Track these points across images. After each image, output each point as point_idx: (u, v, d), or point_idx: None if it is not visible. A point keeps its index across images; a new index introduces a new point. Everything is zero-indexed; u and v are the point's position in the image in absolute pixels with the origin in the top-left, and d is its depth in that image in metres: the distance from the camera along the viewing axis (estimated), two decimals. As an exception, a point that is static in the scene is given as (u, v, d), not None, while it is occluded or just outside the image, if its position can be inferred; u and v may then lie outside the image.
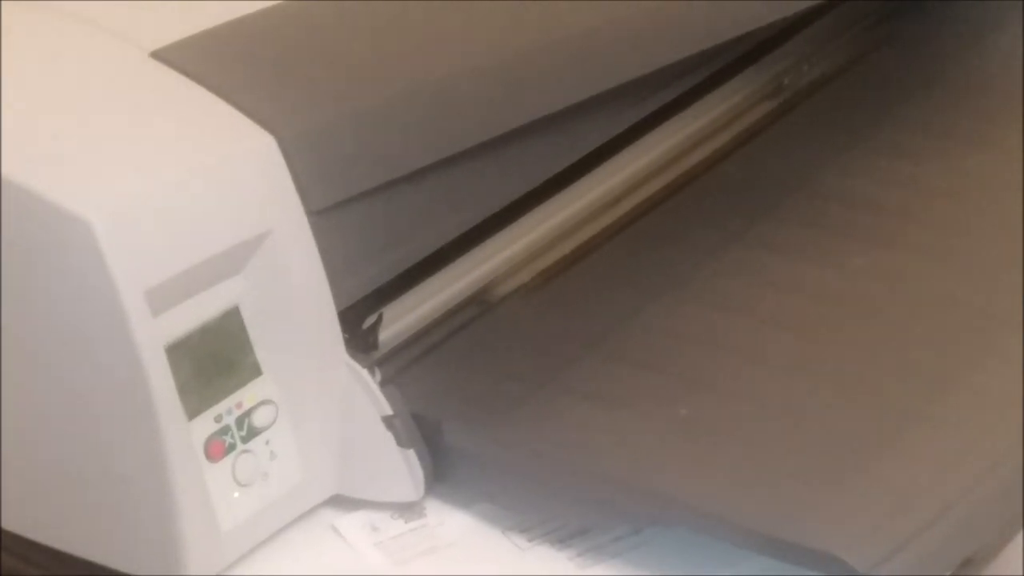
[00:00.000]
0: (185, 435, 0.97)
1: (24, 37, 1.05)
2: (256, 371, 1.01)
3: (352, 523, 1.04)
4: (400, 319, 1.10)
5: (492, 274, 1.16)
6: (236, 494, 1.00)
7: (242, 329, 1.01)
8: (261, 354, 1.01)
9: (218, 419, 1.00)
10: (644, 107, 1.26)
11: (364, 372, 1.03)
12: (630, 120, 1.25)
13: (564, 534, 1.03)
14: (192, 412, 0.98)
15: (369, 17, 1.10)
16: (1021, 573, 1.05)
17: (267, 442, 1.02)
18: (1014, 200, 1.24)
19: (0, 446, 1.01)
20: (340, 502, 1.05)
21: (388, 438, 1.03)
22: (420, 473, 1.03)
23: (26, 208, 0.94)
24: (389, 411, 1.03)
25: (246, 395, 1.01)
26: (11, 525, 1.03)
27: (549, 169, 1.20)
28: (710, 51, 1.24)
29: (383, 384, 1.04)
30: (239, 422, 1.01)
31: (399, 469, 1.03)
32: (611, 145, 1.25)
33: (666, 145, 1.30)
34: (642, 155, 1.28)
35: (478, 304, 1.15)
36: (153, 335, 0.94)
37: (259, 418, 1.01)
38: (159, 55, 1.03)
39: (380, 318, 1.08)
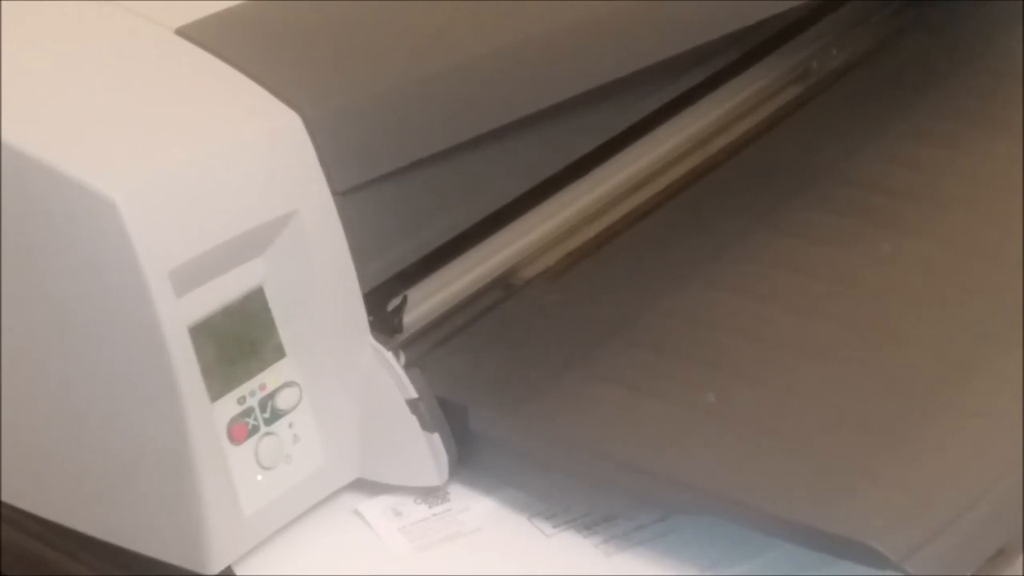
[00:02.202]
0: (208, 417, 0.96)
1: (47, 15, 1.04)
2: (280, 353, 1.01)
3: (375, 507, 1.03)
4: (424, 302, 1.10)
5: (516, 257, 1.16)
6: (259, 477, 1.00)
7: (266, 310, 1.00)
8: (285, 336, 1.01)
9: (241, 401, 0.99)
10: (670, 90, 1.25)
11: (388, 355, 1.02)
12: (656, 104, 1.25)
13: (589, 521, 1.02)
14: (215, 394, 0.97)
15: (396, -4, 1.10)
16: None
17: (290, 425, 1.01)
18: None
19: (23, 427, 1.01)
20: (363, 486, 1.04)
21: (412, 422, 1.02)
22: (444, 458, 1.03)
23: (50, 186, 0.93)
24: (414, 394, 1.02)
25: (269, 377, 1.00)
26: (32, 506, 1.03)
27: (574, 153, 1.19)
28: (737, 34, 1.24)
29: (407, 367, 1.03)
30: (262, 404, 1.00)
31: (423, 453, 1.03)
32: (636, 129, 1.24)
33: (692, 129, 1.29)
34: (668, 139, 1.27)
35: (502, 287, 1.14)
36: (177, 316, 0.94)
37: (282, 400, 1.01)
38: (184, 32, 1.02)
39: (405, 300, 1.08)
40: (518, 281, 1.15)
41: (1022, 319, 1.08)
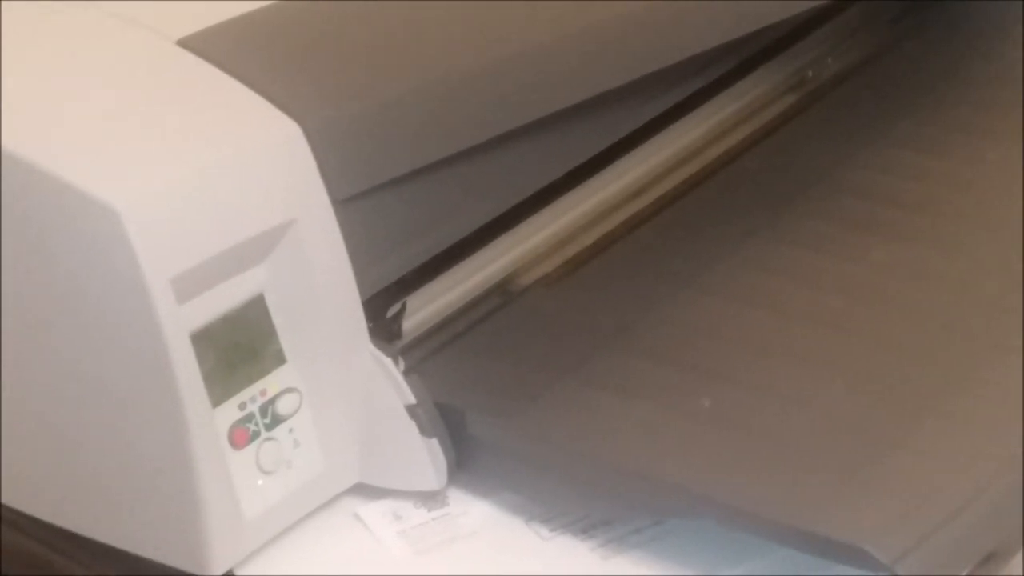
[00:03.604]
0: (209, 423, 0.97)
1: (51, 28, 1.06)
2: (280, 359, 1.02)
3: (375, 511, 1.04)
4: (423, 308, 1.10)
5: (515, 264, 1.17)
6: (260, 482, 1.00)
7: (267, 317, 1.01)
8: (285, 342, 1.02)
9: (242, 407, 1.00)
10: (667, 99, 1.26)
11: (388, 361, 1.03)
12: (653, 112, 1.25)
13: (586, 524, 1.03)
14: (216, 400, 0.98)
15: (395, 6, 1.10)
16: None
17: (291, 430, 1.02)
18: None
19: (26, 431, 1.02)
20: (363, 490, 1.05)
21: (411, 427, 1.03)
22: (443, 462, 1.04)
23: (54, 196, 0.94)
24: (412, 400, 1.03)
25: (270, 383, 1.01)
26: (36, 511, 1.04)
27: (572, 160, 1.20)
28: (734, 43, 1.24)
29: (406, 373, 1.04)
30: (263, 410, 1.01)
31: (422, 458, 1.04)
32: (634, 137, 1.25)
33: (689, 137, 1.30)
34: (665, 147, 1.28)
35: (501, 294, 1.15)
36: (178, 323, 0.95)
37: (283, 406, 1.02)
38: (186, 43, 1.03)
39: (404, 307, 1.08)
40: (516, 288, 1.16)
41: (1021, 325, 1.09)
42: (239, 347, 1.00)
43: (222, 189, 0.97)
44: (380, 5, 1.10)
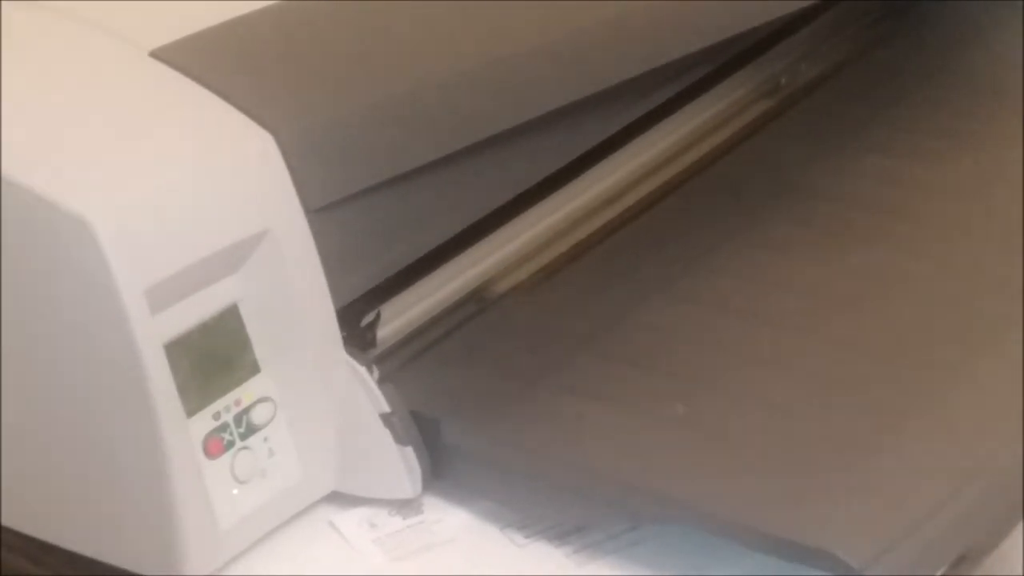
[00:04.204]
0: (184, 432, 0.97)
1: (24, 36, 1.06)
2: (255, 369, 1.02)
3: (350, 519, 1.05)
4: (398, 317, 1.11)
5: (489, 272, 1.17)
6: (235, 491, 1.01)
7: (241, 327, 1.01)
8: (260, 352, 1.02)
9: (216, 416, 1.00)
10: (641, 106, 1.26)
11: (362, 370, 1.04)
12: (627, 119, 1.26)
13: (561, 531, 1.03)
14: (191, 410, 0.98)
15: (368, 16, 1.11)
16: (1021, 573, 1.06)
17: (265, 439, 1.02)
18: (1012, 199, 1.24)
19: (0, 443, 1.02)
20: (338, 499, 1.05)
21: (386, 435, 1.03)
22: (418, 470, 1.04)
23: (26, 207, 0.94)
24: (387, 408, 1.03)
25: (244, 392, 1.01)
26: (11, 521, 1.04)
27: (546, 168, 1.20)
28: (707, 50, 1.24)
29: (381, 382, 1.04)
30: (237, 419, 1.01)
31: (397, 466, 1.04)
32: (608, 144, 1.25)
33: (663, 144, 1.30)
34: (639, 153, 1.28)
35: (476, 302, 1.15)
36: (152, 333, 0.95)
37: (257, 415, 1.02)
38: (158, 54, 1.03)
39: (378, 316, 1.09)
40: (491, 295, 1.16)
41: (995, 330, 1.10)
42: (213, 357, 1.00)
43: (195, 200, 0.97)
44: (353, 16, 1.11)
